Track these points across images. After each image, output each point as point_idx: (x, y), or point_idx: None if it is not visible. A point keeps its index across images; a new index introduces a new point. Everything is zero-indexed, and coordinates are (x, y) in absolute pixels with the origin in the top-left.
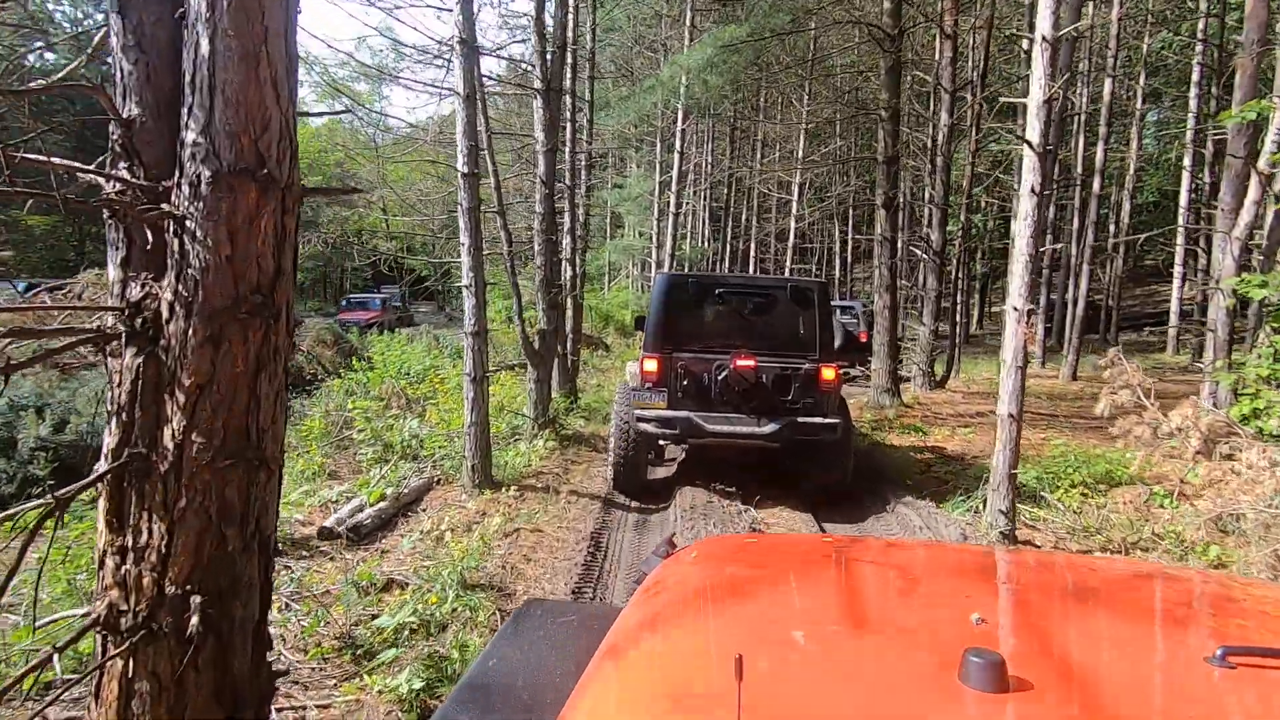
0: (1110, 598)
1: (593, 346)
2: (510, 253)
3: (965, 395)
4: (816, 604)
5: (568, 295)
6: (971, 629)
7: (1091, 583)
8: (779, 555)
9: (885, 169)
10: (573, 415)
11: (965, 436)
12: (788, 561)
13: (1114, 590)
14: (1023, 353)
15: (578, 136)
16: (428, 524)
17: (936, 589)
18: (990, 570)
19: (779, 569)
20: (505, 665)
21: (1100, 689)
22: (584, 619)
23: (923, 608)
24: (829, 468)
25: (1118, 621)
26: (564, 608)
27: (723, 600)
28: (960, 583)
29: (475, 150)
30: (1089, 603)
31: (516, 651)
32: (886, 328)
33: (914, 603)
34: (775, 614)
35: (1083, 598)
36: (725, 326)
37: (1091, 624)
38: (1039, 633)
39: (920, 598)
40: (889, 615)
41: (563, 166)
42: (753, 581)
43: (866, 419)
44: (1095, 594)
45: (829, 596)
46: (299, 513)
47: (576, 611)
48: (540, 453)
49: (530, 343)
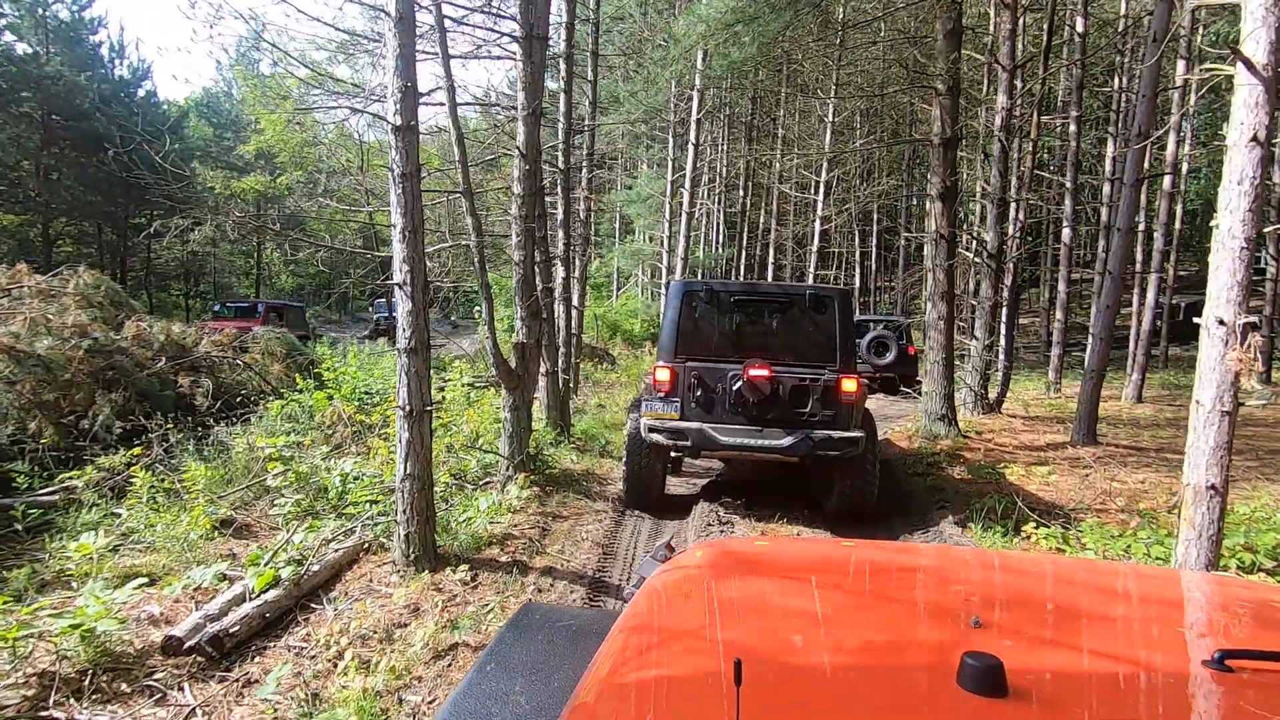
0: (1109, 601)
1: (596, 359)
2: (480, 244)
3: (1024, 420)
4: (814, 607)
5: (559, 300)
6: (970, 632)
7: (1090, 586)
8: (777, 559)
9: (941, 153)
10: (562, 448)
11: (1045, 478)
12: (786, 565)
13: (1113, 593)
14: (1232, 389)
15: (573, 105)
16: (326, 632)
17: (935, 592)
18: (989, 573)
19: (777, 573)
20: (503, 670)
21: (1098, 693)
22: (582, 624)
23: (921, 611)
24: (854, 486)
25: (1116, 625)
26: (562, 613)
27: (721, 604)
28: (958, 586)
29: (412, 94)
30: (1088, 606)
31: (515, 656)
32: (942, 343)
33: (912, 606)
34: (773, 618)
35: (1081, 601)
36: (741, 336)
37: (1090, 627)
38: (1037, 636)
39: (918, 601)
40: (887, 619)
41: (556, 145)
42: (751, 585)
43: (922, 452)
44: (1094, 597)
45: (827, 600)
46: (155, 604)
47: (574, 616)
48: (512, 504)
49: (503, 359)
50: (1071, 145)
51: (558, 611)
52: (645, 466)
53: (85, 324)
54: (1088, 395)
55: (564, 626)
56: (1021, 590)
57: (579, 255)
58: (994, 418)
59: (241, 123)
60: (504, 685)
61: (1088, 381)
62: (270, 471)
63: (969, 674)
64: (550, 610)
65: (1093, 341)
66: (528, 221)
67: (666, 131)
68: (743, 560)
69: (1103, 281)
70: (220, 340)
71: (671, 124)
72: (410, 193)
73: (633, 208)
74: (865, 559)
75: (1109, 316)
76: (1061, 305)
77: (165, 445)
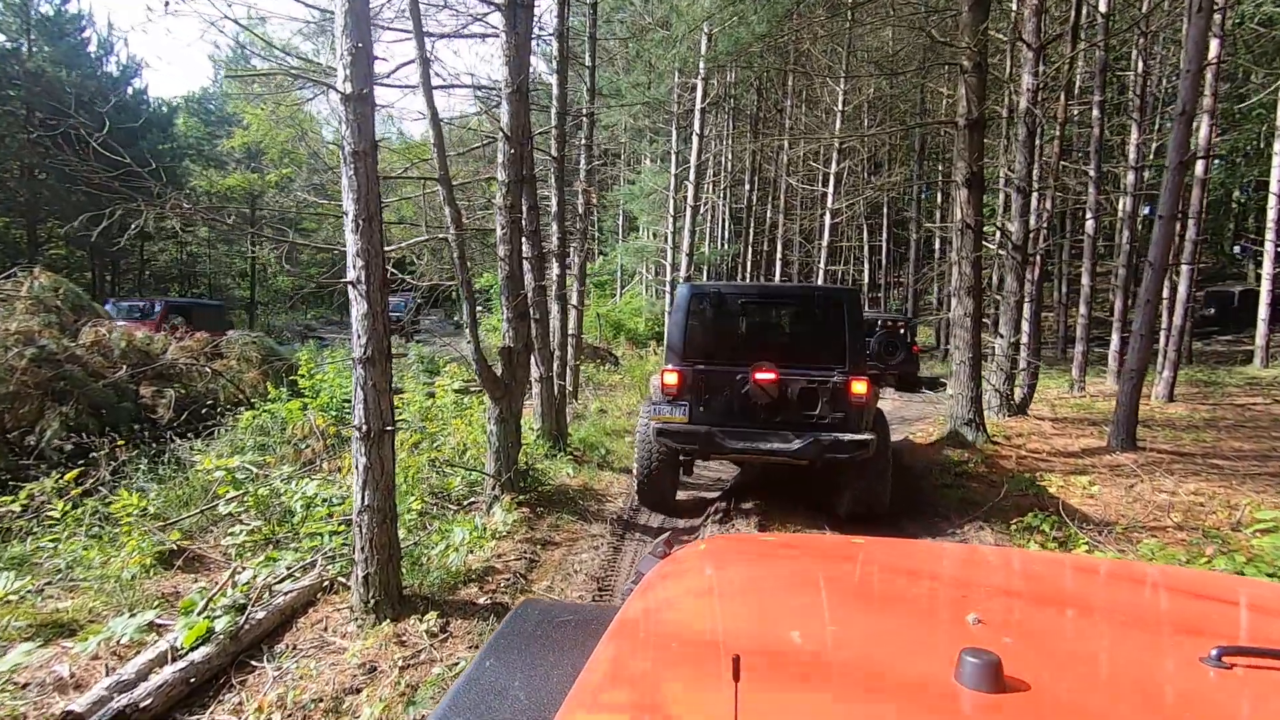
0: (1107, 598)
1: (599, 360)
2: (460, 238)
3: (1053, 423)
4: (813, 603)
5: (554, 299)
6: (968, 629)
7: (1088, 583)
8: (776, 555)
9: (968, 136)
10: (559, 460)
11: (1087, 489)
12: (785, 561)
13: (1111, 590)
14: None
15: (567, 87)
16: (261, 702)
17: (934, 589)
18: (987, 570)
19: (776, 568)
20: (502, 666)
21: (1096, 689)
22: (581, 619)
23: (920, 607)
24: (866, 489)
25: (1114, 621)
26: (560, 608)
27: (719, 600)
28: (957, 582)
29: (365, 58)
30: (1086, 603)
31: (513, 652)
32: (969, 341)
33: (911, 602)
34: (772, 614)
35: (1079, 598)
36: (749, 338)
37: (1088, 624)
38: (1035, 633)
39: (918, 597)
40: (886, 615)
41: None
42: (750, 581)
43: (950, 461)
44: (1092, 594)
45: (825, 596)
46: (68, 662)
47: (574, 612)
48: (498, 529)
49: (487, 365)
50: (1094, 131)
51: (557, 607)
52: (656, 469)
53: (33, 330)
54: (1127, 396)
55: (563, 622)
56: (1020, 587)
57: (578, 251)
58: (1021, 420)
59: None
60: (503, 680)
61: (1126, 381)
62: (222, 496)
63: (967, 670)
64: (549, 605)
65: (1134, 338)
66: (514, 212)
67: (670, 124)
68: (741, 556)
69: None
70: (190, 346)
71: (675, 115)
72: (365, 174)
73: (636, 203)
74: (864, 555)
75: (1150, 311)
76: (1085, 300)
77: (114, 464)
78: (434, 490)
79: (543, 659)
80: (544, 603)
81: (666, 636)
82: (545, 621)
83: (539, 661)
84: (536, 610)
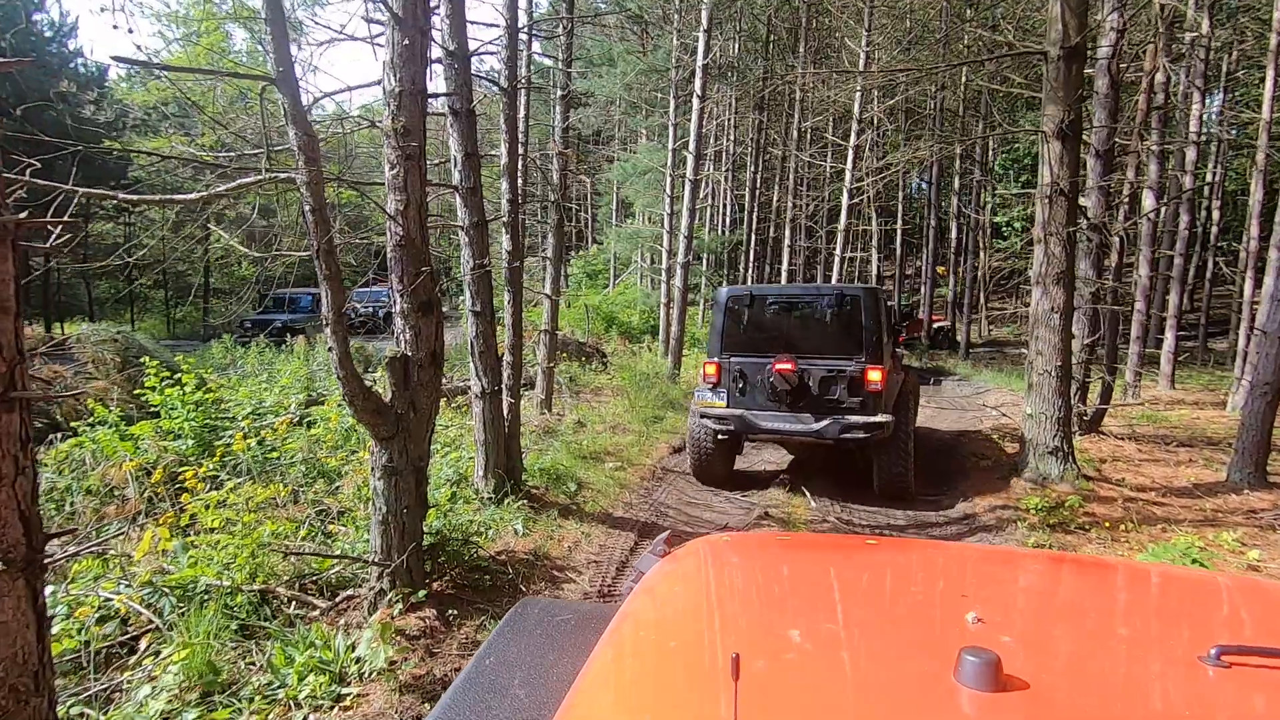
0: (1106, 597)
1: (584, 358)
2: (315, 176)
3: (1136, 444)
4: (813, 602)
5: (507, 287)
6: (968, 628)
7: (1087, 582)
8: (776, 553)
9: (1062, 69)
10: (505, 508)
11: (1236, 550)
12: (785, 560)
13: (1110, 589)
14: None
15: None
16: None
17: (934, 588)
18: (987, 569)
19: (776, 567)
20: (501, 664)
21: (1095, 688)
22: (580, 618)
23: (920, 606)
24: (890, 463)
25: (1113, 620)
26: (560, 606)
27: (719, 598)
28: (957, 582)
29: None
30: (1085, 602)
31: (513, 650)
32: (1056, 345)
33: (911, 601)
34: (772, 612)
35: (1078, 597)
36: (778, 333)
37: (1087, 623)
38: (1035, 632)
39: (917, 596)
40: (886, 614)
41: (497, 50)
42: (749, 580)
43: (1030, 508)
44: (1091, 593)
45: (825, 595)
46: None
47: (573, 611)
48: (371, 662)
49: (362, 386)
50: (1159, 98)
51: (555, 606)
52: (709, 450)
53: None
54: (1257, 419)
55: (562, 621)
56: (1019, 586)
57: (552, 228)
58: (1097, 440)
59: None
60: (502, 679)
61: (1257, 399)
62: None
63: (966, 669)
64: (548, 604)
65: (1262, 339)
66: (404, 140)
67: (668, 92)
68: (740, 555)
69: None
70: None
71: (674, 82)
72: None
73: (631, 184)
74: (864, 554)
75: None
76: (1143, 291)
77: None
78: (283, 577)
79: (542, 657)
80: (543, 601)
81: (665, 635)
82: (544, 620)
83: (538, 660)
84: (536, 608)
